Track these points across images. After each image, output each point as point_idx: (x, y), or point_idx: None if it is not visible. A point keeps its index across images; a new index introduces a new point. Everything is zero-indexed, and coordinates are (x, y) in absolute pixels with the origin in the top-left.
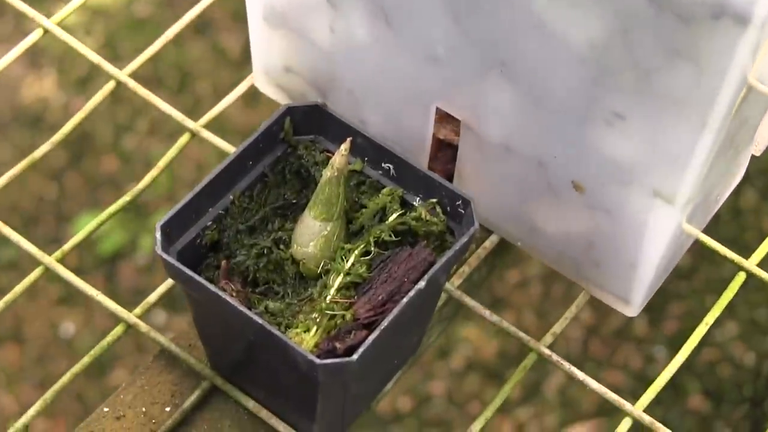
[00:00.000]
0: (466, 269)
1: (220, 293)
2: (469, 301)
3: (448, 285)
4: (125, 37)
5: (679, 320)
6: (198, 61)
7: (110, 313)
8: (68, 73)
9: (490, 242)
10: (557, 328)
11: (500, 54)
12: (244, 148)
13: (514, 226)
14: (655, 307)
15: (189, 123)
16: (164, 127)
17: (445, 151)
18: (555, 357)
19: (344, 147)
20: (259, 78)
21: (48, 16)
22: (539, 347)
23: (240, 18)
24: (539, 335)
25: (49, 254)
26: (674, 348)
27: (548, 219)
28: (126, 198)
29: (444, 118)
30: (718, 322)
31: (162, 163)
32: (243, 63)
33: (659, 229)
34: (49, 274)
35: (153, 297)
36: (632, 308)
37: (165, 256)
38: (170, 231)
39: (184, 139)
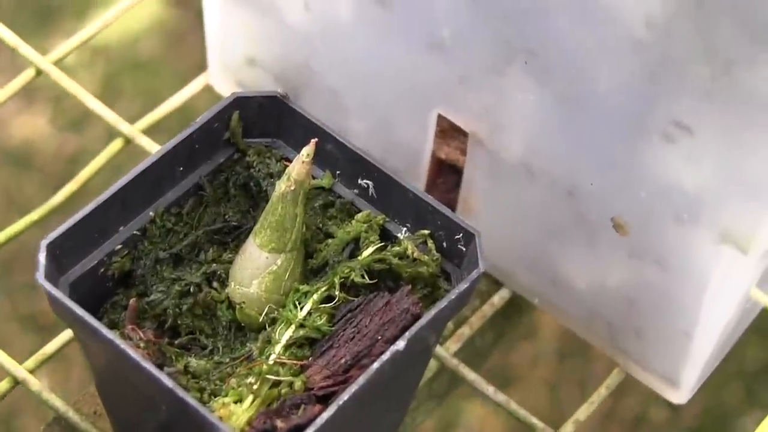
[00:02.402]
0: (466, 331)
1: (119, 343)
2: (468, 373)
3: (441, 350)
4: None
5: (737, 410)
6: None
7: None
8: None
9: (500, 298)
10: (581, 414)
11: (525, 40)
12: (171, 149)
13: (532, 277)
14: (709, 391)
15: (123, 126)
16: (93, 129)
17: (446, 176)
18: None
19: (306, 152)
20: (215, 73)
21: (44, 52)
22: None
23: None
24: (558, 422)
25: None
26: None
27: (577, 269)
28: (32, 217)
29: (447, 130)
30: None
31: (85, 174)
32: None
33: (727, 286)
34: None
35: (51, 347)
36: (682, 393)
37: (48, 287)
38: (60, 254)
39: (115, 145)
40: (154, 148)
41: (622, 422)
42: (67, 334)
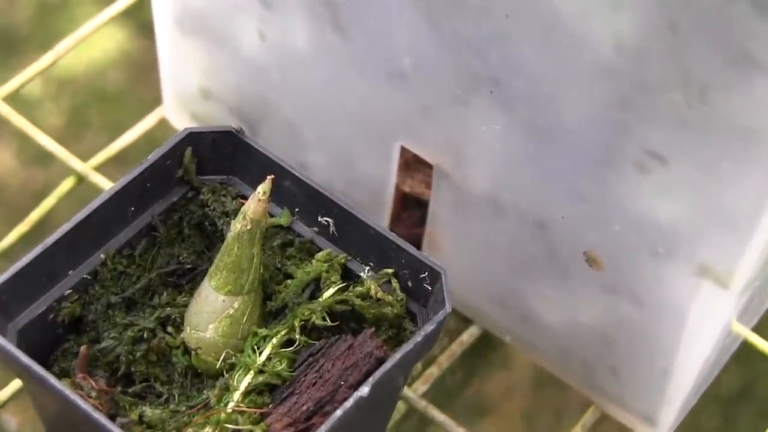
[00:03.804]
0: (434, 371)
1: (68, 393)
2: (437, 414)
3: (409, 392)
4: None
5: None
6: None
7: None
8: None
9: (469, 335)
10: None
11: (489, 68)
12: (121, 188)
13: (503, 313)
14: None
15: (75, 163)
16: (45, 166)
17: (411, 210)
18: None
19: (262, 189)
20: (169, 106)
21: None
22: None
23: None
24: None
25: None
26: None
27: (549, 305)
28: None
29: (411, 163)
30: None
31: (35, 215)
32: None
33: (706, 321)
34: None
35: (4, 394)
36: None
37: None
38: (8, 300)
39: (67, 183)
40: (108, 186)
41: None
42: (16, 382)
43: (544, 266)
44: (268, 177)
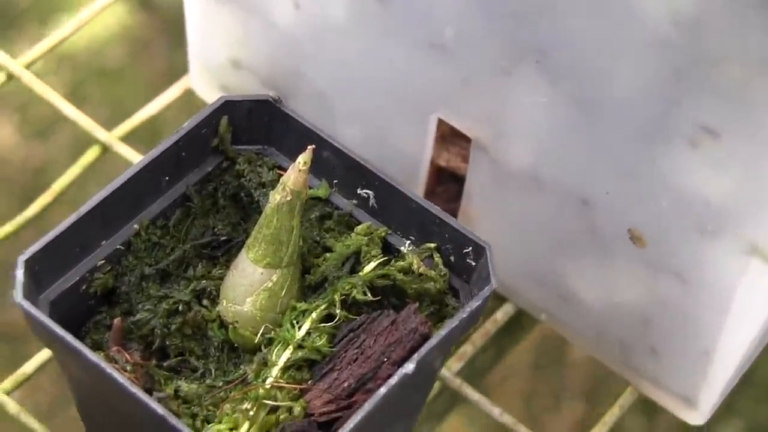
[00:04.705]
0: (468, 349)
1: (103, 365)
2: (471, 393)
3: (442, 370)
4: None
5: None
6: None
7: None
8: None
9: (504, 314)
10: None
11: (536, 39)
12: (156, 156)
13: (539, 292)
14: (724, 413)
15: (99, 133)
16: (61, 138)
17: (446, 185)
18: None
19: (303, 159)
20: (196, 76)
21: (13, 56)
22: None
23: None
24: None
25: None
26: None
27: (588, 283)
28: (5, 229)
29: (448, 136)
30: None
31: (57, 186)
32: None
33: (753, 301)
34: None
35: (30, 366)
36: (699, 414)
37: (27, 306)
38: (40, 270)
39: (91, 154)
40: (132, 156)
41: None
42: (45, 352)
43: (585, 243)
44: (309, 147)
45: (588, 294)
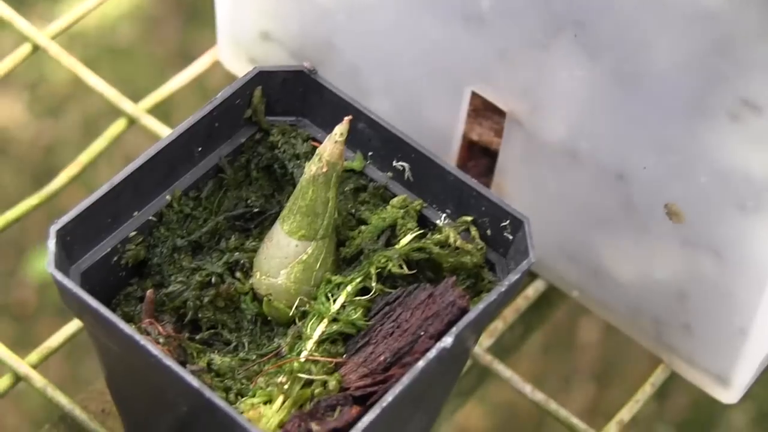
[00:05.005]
0: (499, 325)
1: (138, 338)
2: (503, 369)
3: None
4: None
5: None
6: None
7: None
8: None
9: (535, 290)
10: (625, 414)
11: (575, 10)
12: (189, 128)
13: (572, 268)
14: (760, 392)
15: (126, 105)
16: (94, 110)
17: (477, 160)
18: None
19: (339, 130)
20: (224, 48)
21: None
22: None
23: None
24: (600, 424)
25: None
26: None
27: (623, 259)
28: (31, 201)
29: (481, 110)
30: None
31: (85, 157)
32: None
33: None
34: None
35: (56, 340)
36: (732, 392)
37: (60, 277)
38: (72, 241)
39: (118, 126)
40: (160, 129)
41: (668, 422)
42: (70, 326)
43: (620, 219)
44: (346, 118)
45: (622, 270)
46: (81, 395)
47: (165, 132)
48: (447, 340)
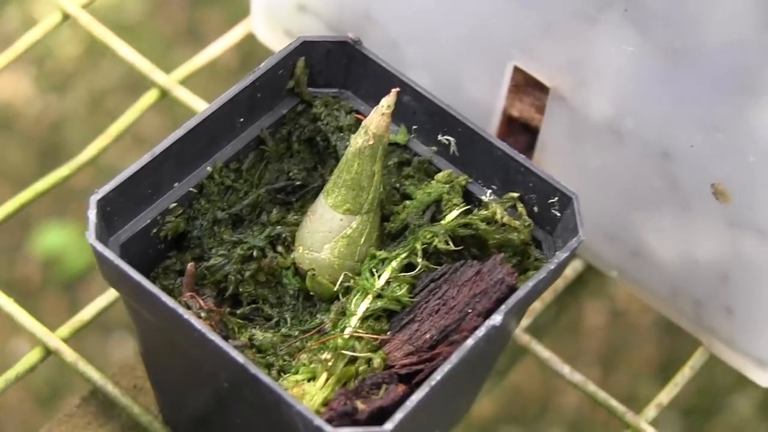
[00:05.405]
0: (537, 305)
1: (181, 311)
2: (541, 350)
3: None
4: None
5: None
6: None
7: (25, 332)
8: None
9: (573, 270)
10: (664, 397)
11: None
12: (231, 99)
13: (612, 248)
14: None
15: (158, 76)
16: (125, 81)
17: (516, 136)
18: None
19: (386, 103)
20: (259, 19)
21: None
22: (639, 424)
23: None
24: (638, 406)
25: None
26: None
27: (665, 239)
28: (63, 172)
29: (522, 86)
30: None
31: (114, 129)
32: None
33: None
34: None
35: (87, 313)
36: None
37: (100, 247)
38: (112, 211)
39: (150, 97)
40: (192, 100)
41: (706, 405)
42: (103, 299)
43: (664, 198)
44: (393, 90)
45: (664, 250)
46: (112, 370)
47: (197, 103)
48: (496, 318)
